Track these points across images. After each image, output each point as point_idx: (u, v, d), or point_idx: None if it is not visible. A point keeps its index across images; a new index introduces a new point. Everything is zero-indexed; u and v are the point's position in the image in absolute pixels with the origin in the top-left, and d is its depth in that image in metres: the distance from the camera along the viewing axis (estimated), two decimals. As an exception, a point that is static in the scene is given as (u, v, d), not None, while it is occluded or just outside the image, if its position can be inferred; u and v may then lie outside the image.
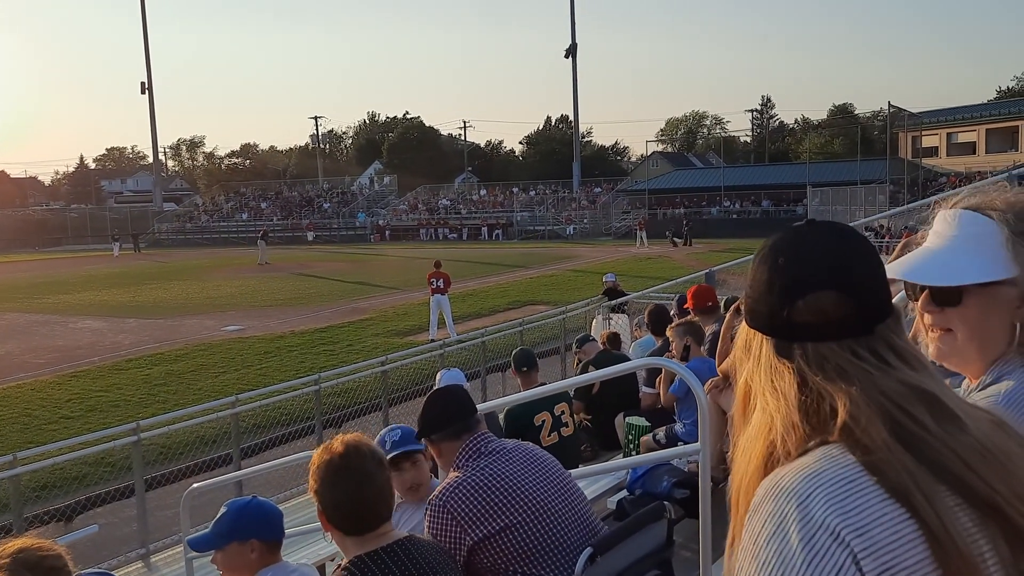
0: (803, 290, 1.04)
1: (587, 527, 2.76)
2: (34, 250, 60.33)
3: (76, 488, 9.68)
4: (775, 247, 1.10)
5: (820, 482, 0.96)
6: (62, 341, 20.52)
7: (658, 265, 32.54)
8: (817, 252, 1.07)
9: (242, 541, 2.74)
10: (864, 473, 0.96)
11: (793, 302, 1.04)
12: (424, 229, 59.77)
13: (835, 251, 1.07)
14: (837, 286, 1.04)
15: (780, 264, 1.07)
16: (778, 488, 0.98)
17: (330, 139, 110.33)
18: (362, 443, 2.31)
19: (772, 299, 1.07)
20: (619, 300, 14.13)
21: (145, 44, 70.07)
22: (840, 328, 1.04)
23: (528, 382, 6.10)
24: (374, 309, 23.78)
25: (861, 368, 1.02)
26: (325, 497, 2.25)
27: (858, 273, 1.06)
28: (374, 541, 2.24)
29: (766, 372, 1.08)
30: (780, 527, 0.95)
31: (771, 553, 0.95)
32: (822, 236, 1.08)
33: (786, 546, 0.94)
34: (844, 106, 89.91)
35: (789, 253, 1.08)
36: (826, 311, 1.03)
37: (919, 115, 54.40)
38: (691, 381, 3.56)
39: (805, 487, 0.96)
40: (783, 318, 1.06)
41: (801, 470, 0.98)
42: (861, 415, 0.98)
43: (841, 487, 0.95)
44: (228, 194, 74.86)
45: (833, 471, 0.96)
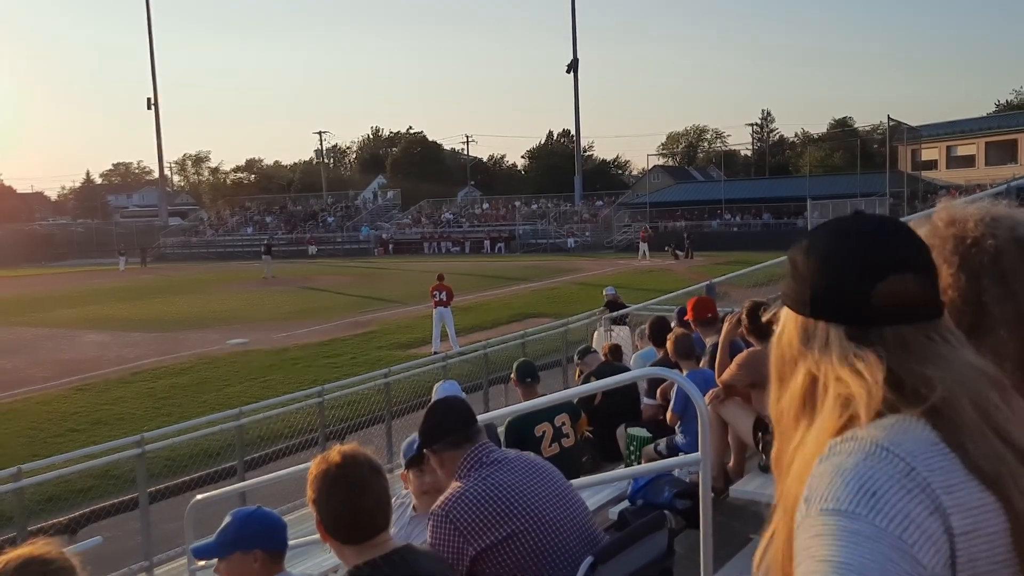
0: (884, 272, 1.02)
1: (588, 536, 2.78)
2: (40, 265, 60.39)
3: (81, 501, 9.71)
4: (835, 235, 1.09)
5: (907, 438, 0.95)
6: (68, 355, 20.58)
7: (659, 278, 32.53)
8: (886, 236, 1.06)
9: (245, 551, 2.74)
10: (941, 441, 0.95)
11: (874, 284, 1.02)
12: (427, 242, 59.83)
13: (902, 237, 1.06)
14: (913, 268, 1.03)
15: (853, 248, 1.05)
16: (861, 436, 0.97)
17: (334, 154, 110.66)
18: (359, 453, 2.32)
19: (849, 284, 1.04)
20: (620, 312, 14.17)
21: (151, 60, 70.49)
22: (918, 311, 1.03)
23: (529, 393, 6.14)
24: (377, 322, 23.82)
25: (937, 350, 1.01)
26: (323, 507, 2.27)
27: (926, 256, 1.06)
28: (372, 550, 2.25)
29: (840, 359, 1.03)
30: (868, 458, 0.94)
31: (862, 473, 0.93)
32: (882, 223, 1.08)
33: (876, 473, 0.92)
34: (844, 120, 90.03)
35: (860, 238, 1.06)
36: (907, 293, 1.02)
37: (918, 128, 54.43)
38: (691, 391, 3.61)
39: (888, 438, 0.95)
40: (861, 302, 1.03)
41: (882, 427, 0.97)
42: (953, 397, 0.97)
43: (927, 446, 0.94)
44: (233, 208, 75.02)
45: (916, 433, 0.96)
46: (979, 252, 1.24)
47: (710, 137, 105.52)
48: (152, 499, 9.16)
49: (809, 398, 1.08)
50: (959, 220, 1.29)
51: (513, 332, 18.12)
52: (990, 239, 1.25)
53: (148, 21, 70.09)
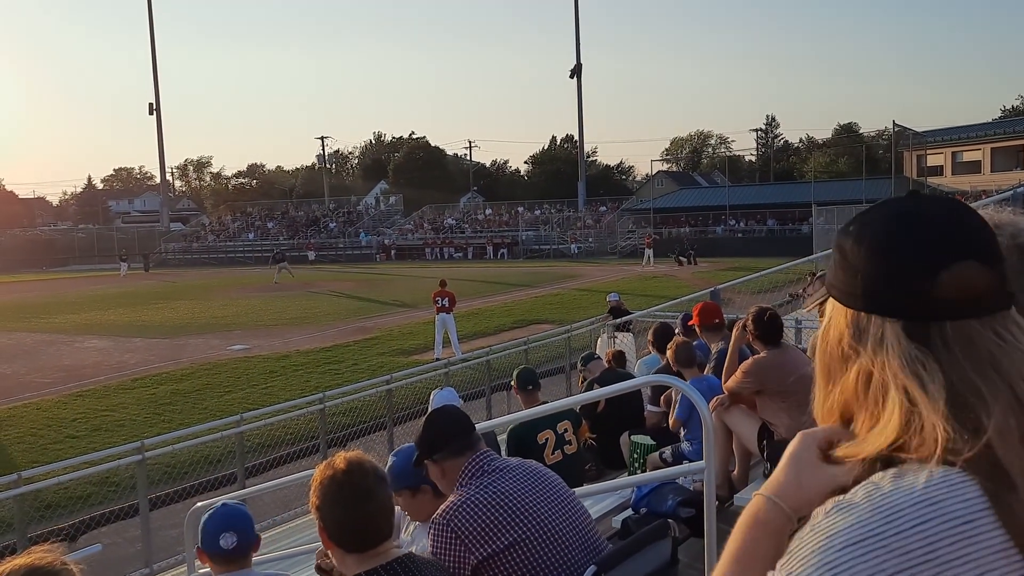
0: (948, 259, 0.91)
1: (591, 545, 2.74)
2: (41, 270, 60.55)
3: (81, 507, 9.68)
4: (889, 219, 0.97)
5: (929, 514, 0.84)
6: (68, 361, 20.56)
7: (663, 284, 32.52)
8: (948, 220, 0.94)
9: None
10: (985, 509, 0.83)
11: (937, 274, 0.91)
12: (429, 248, 59.92)
13: (965, 220, 0.95)
14: (980, 255, 0.92)
15: (912, 233, 0.94)
16: (882, 499, 0.87)
17: (336, 159, 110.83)
18: (364, 460, 2.30)
19: (907, 274, 0.92)
20: (624, 319, 14.13)
21: (153, 65, 70.65)
22: (984, 303, 0.91)
23: (531, 401, 6.09)
24: (379, 328, 23.79)
25: (1005, 351, 0.90)
26: (326, 514, 2.24)
27: (993, 242, 0.94)
28: (374, 559, 2.23)
29: (903, 360, 0.92)
30: (864, 541, 0.84)
31: (841, 559, 0.84)
32: (943, 205, 0.96)
33: (871, 562, 0.83)
34: (849, 125, 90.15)
35: (915, 223, 0.95)
36: (973, 284, 0.90)
37: (924, 134, 54.44)
38: (695, 398, 3.56)
39: (910, 515, 0.84)
40: (923, 294, 0.91)
41: (914, 491, 0.86)
42: (1007, 426, 0.86)
43: (952, 528, 0.83)
44: (235, 214, 75.19)
45: (949, 504, 0.84)
46: None
47: (714, 142, 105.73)
48: (152, 506, 9.12)
49: (864, 394, 0.97)
50: None
51: (516, 339, 18.09)
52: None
53: (150, 26, 70.34)
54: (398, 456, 3.16)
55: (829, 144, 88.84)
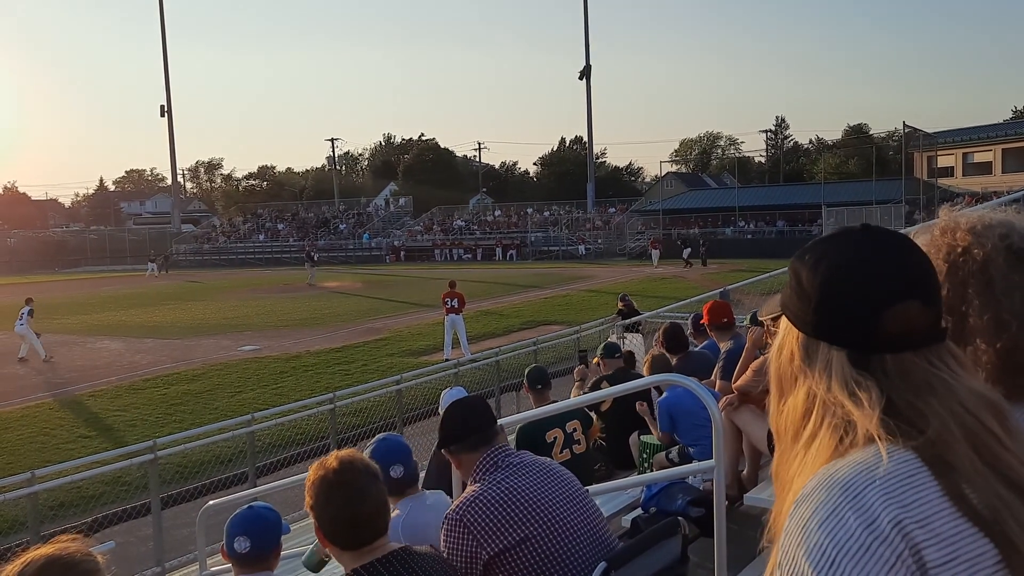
0: (892, 299, 1.00)
1: (602, 542, 2.76)
2: (53, 271, 60.85)
3: (93, 506, 9.74)
4: (842, 252, 1.05)
5: (878, 475, 0.94)
6: (81, 361, 20.69)
7: (672, 285, 32.48)
8: (894, 259, 1.03)
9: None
10: (923, 469, 0.94)
11: (880, 312, 1.00)
12: (439, 250, 59.98)
13: (911, 260, 1.03)
14: (921, 295, 1.01)
15: (861, 271, 1.02)
16: (831, 479, 0.96)
17: (346, 160, 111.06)
18: (356, 458, 2.33)
19: (853, 309, 1.02)
20: (633, 319, 14.13)
21: (165, 68, 71.04)
22: (923, 337, 1.00)
23: (541, 400, 6.11)
24: (389, 329, 23.84)
25: (939, 377, 0.99)
26: (321, 513, 2.28)
27: (934, 282, 1.04)
28: (370, 554, 2.26)
29: (840, 384, 1.01)
30: (834, 513, 0.93)
31: (823, 537, 0.92)
32: (891, 243, 1.04)
33: (841, 531, 0.91)
34: (859, 126, 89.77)
35: (865, 260, 1.03)
36: (914, 321, 1.00)
37: (934, 135, 54.17)
38: (705, 397, 3.58)
39: (861, 479, 0.94)
40: (867, 329, 1.00)
41: (857, 463, 0.96)
42: (949, 433, 0.95)
43: (900, 480, 0.93)
44: (245, 215, 75.46)
45: (892, 466, 0.94)
46: (967, 260, 1.24)
47: (724, 144, 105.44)
48: (164, 505, 9.17)
49: (808, 416, 1.06)
50: (952, 228, 1.28)
51: (525, 339, 18.11)
52: (977, 247, 1.24)
53: (162, 29, 70.70)
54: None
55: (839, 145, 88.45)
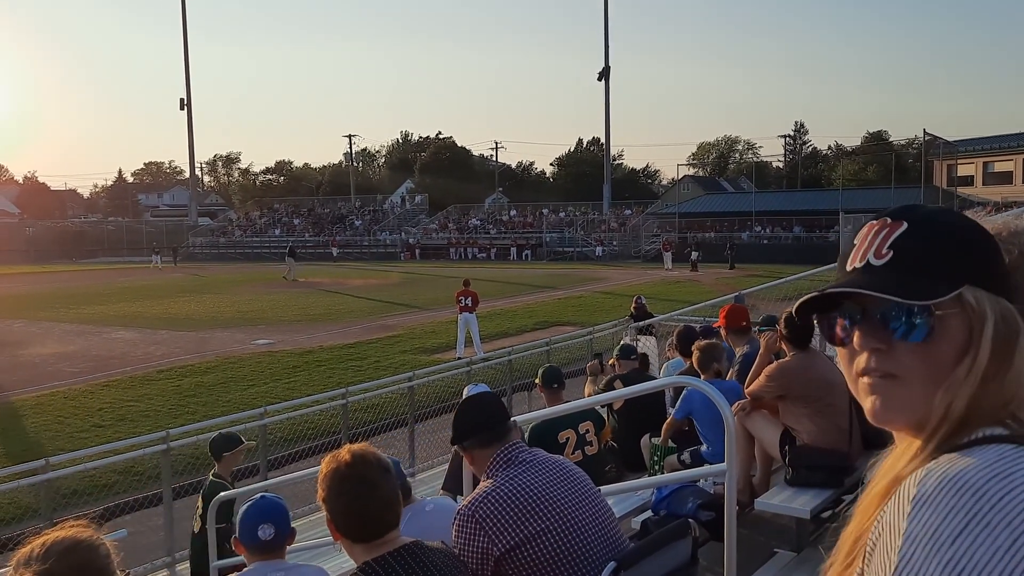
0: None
1: (613, 541, 2.76)
2: (72, 261, 61.32)
3: (105, 495, 9.81)
4: (976, 225, 1.05)
5: (1013, 485, 0.86)
6: (96, 351, 20.82)
7: (686, 289, 32.39)
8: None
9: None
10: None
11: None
12: (454, 248, 60.06)
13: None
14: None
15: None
16: (960, 482, 0.88)
17: (363, 157, 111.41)
18: (368, 452, 2.35)
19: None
20: (645, 321, 14.09)
21: (185, 61, 71.44)
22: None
23: (555, 400, 6.09)
24: (402, 326, 23.89)
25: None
26: (333, 505, 2.29)
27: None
28: (382, 547, 2.28)
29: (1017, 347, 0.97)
30: (970, 527, 0.84)
31: (958, 553, 0.83)
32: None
33: (977, 550, 0.83)
34: (879, 133, 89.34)
35: (980, 228, 1.05)
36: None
37: (955, 143, 53.77)
38: (718, 400, 3.56)
39: (1000, 485, 0.86)
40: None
41: (987, 467, 0.88)
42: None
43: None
44: (262, 210, 75.76)
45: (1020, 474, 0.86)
46: None
47: (742, 148, 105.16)
48: (175, 495, 9.22)
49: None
50: None
51: (538, 339, 18.10)
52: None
53: (183, 23, 71.06)
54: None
55: (858, 152, 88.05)
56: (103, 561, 2.08)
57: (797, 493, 4.69)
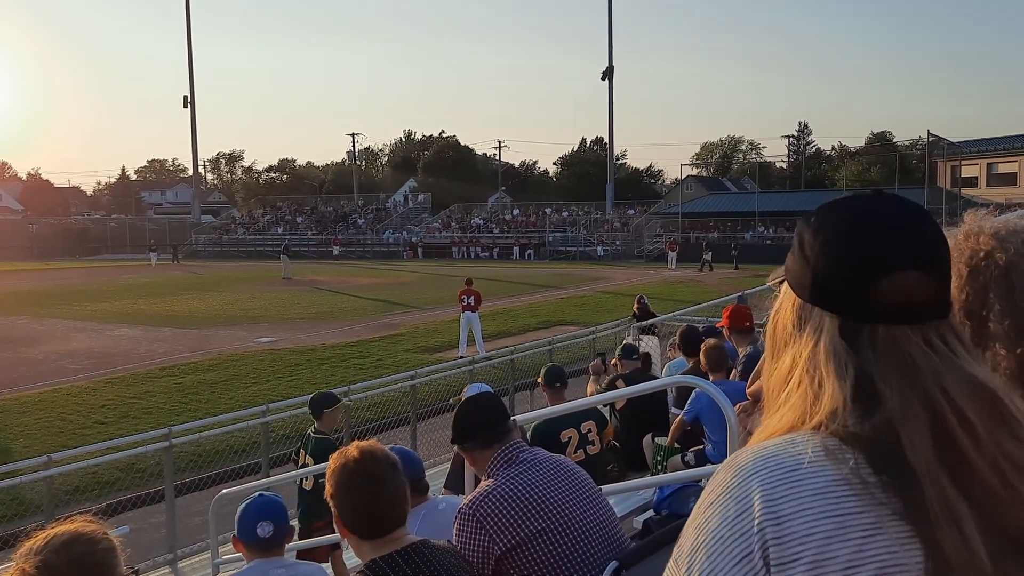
0: (891, 267, 0.95)
1: (614, 541, 2.75)
2: (75, 258, 61.39)
3: (107, 492, 9.81)
4: (847, 217, 1.01)
5: (769, 464, 0.93)
6: (98, 348, 20.85)
7: (689, 289, 32.38)
8: (901, 227, 0.98)
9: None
10: (818, 462, 0.91)
11: (878, 280, 0.95)
12: (456, 247, 60.07)
13: (919, 228, 0.98)
14: (923, 266, 0.96)
15: (861, 237, 0.98)
16: (734, 460, 0.98)
17: (366, 156, 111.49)
18: (377, 448, 2.35)
19: (850, 275, 0.97)
20: (648, 321, 14.08)
21: (189, 59, 71.49)
22: (921, 311, 0.95)
23: (557, 399, 6.09)
24: (405, 325, 23.89)
25: (930, 358, 0.94)
26: (341, 501, 2.29)
27: (942, 254, 0.99)
28: (389, 545, 2.27)
29: (826, 352, 0.98)
30: (719, 499, 0.95)
31: (703, 520, 0.96)
32: (901, 211, 0.99)
33: (712, 518, 0.94)
34: (882, 134, 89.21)
35: (869, 226, 0.99)
36: (911, 292, 0.95)
37: (959, 144, 53.67)
38: (721, 401, 3.55)
39: (755, 465, 0.94)
40: (862, 297, 0.96)
41: (761, 447, 0.97)
42: (907, 417, 0.91)
43: (790, 471, 0.91)
44: (265, 208, 75.81)
45: (787, 454, 0.93)
46: (990, 265, 1.21)
47: (745, 148, 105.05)
48: (177, 492, 9.23)
49: (788, 381, 1.03)
50: (975, 232, 1.25)
51: (540, 339, 18.10)
52: (1000, 252, 1.21)
53: (187, 20, 71.15)
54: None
55: (862, 152, 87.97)
56: (102, 555, 2.08)
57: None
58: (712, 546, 0.93)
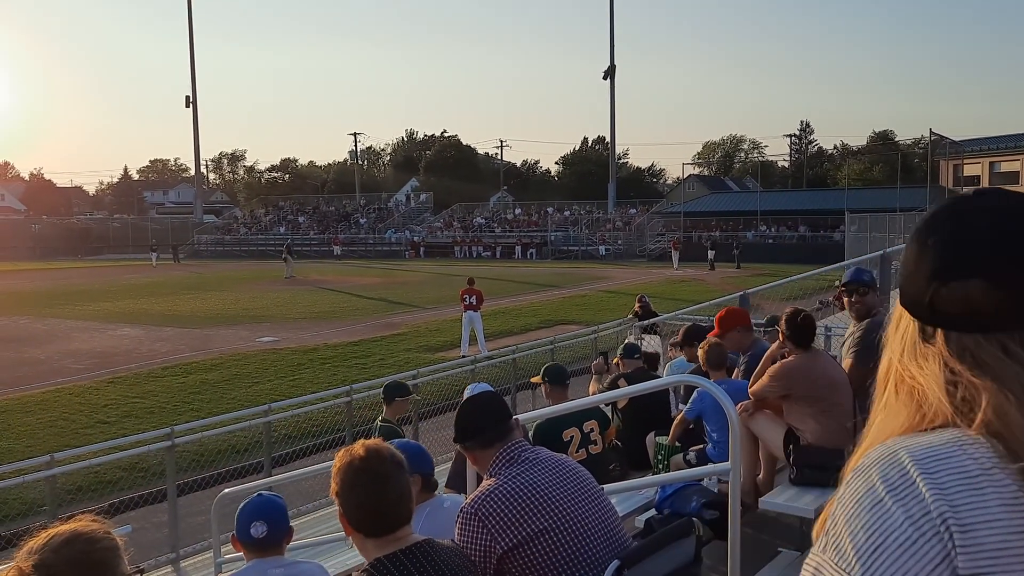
0: (948, 276, 0.93)
1: (616, 540, 2.76)
2: (77, 258, 61.44)
3: (110, 491, 9.83)
4: (932, 220, 0.98)
5: (943, 467, 0.88)
6: (101, 347, 20.87)
7: (692, 288, 32.36)
8: (975, 232, 0.93)
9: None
10: (996, 471, 0.86)
11: (936, 289, 0.93)
12: (458, 247, 60.09)
13: (998, 231, 0.93)
14: (989, 275, 0.91)
15: (930, 243, 0.96)
16: (895, 457, 0.91)
17: (368, 155, 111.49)
18: (383, 447, 2.35)
19: (917, 281, 0.96)
20: (650, 320, 14.06)
21: (191, 59, 71.57)
22: (988, 321, 0.91)
23: (559, 397, 6.08)
24: (407, 324, 23.90)
25: (1009, 366, 0.90)
26: (345, 499, 2.29)
27: (1020, 259, 0.91)
28: (393, 544, 2.27)
29: (910, 352, 0.98)
30: (888, 495, 0.89)
31: (868, 521, 0.89)
32: (988, 212, 0.95)
33: (886, 520, 0.88)
34: (884, 133, 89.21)
35: (944, 230, 0.96)
36: (972, 302, 0.91)
37: (961, 143, 53.58)
38: (722, 399, 3.55)
39: (925, 466, 0.89)
40: (925, 304, 0.95)
41: (926, 447, 0.91)
42: (1009, 412, 0.88)
43: (962, 479, 0.86)
44: (267, 208, 75.87)
45: (960, 459, 0.88)
46: None
47: (747, 148, 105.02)
48: (180, 492, 9.23)
49: (886, 383, 1.03)
50: None
51: (542, 338, 18.10)
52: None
53: (189, 20, 71.23)
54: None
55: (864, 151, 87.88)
56: (101, 555, 2.07)
57: (801, 492, 4.69)
58: (899, 546, 0.86)
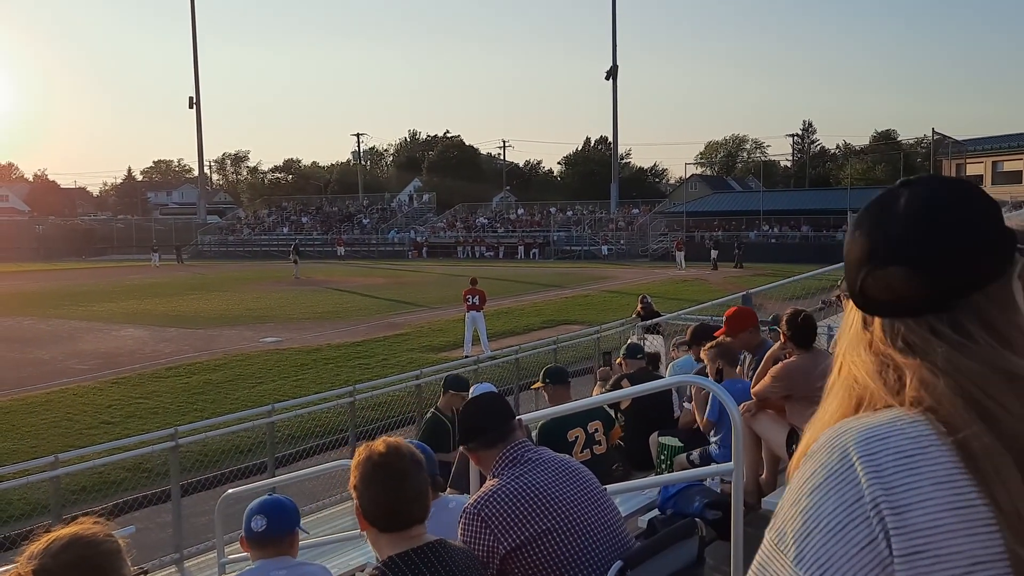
0: (872, 264, 0.96)
1: (619, 540, 2.76)
2: (81, 259, 61.52)
3: (114, 492, 9.85)
4: (863, 210, 1.03)
5: (882, 447, 0.90)
6: (104, 348, 20.90)
7: (695, 288, 32.33)
8: (895, 219, 0.97)
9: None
10: (932, 448, 0.89)
11: (864, 277, 0.97)
12: (461, 247, 60.10)
13: (915, 218, 0.96)
14: (908, 261, 0.94)
15: (858, 233, 1.00)
16: (838, 441, 0.94)
17: (371, 156, 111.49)
18: (403, 444, 2.38)
19: (850, 271, 1.00)
20: (652, 320, 14.06)
21: (194, 60, 71.58)
22: (912, 305, 0.95)
23: (560, 397, 6.09)
24: (410, 325, 23.91)
25: (936, 344, 0.93)
26: (363, 493, 2.31)
27: (941, 244, 0.94)
28: (407, 542, 2.29)
29: (853, 341, 1.02)
30: (826, 481, 0.92)
31: (811, 504, 0.92)
32: (914, 199, 0.98)
33: (825, 503, 0.90)
34: (887, 132, 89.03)
35: (869, 220, 1.00)
36: (895, 288, 0.94)
37: (964, 143, 53.49)
38: (725, 400, 3.56)
39: (864, 448, 0.91)
40: (857, 292, 0.99)
41: (867, 428, 0.93)
42: (934, 389, 0.91)
43: (898, 459, 0.89)
44: (270, 208, 75.89)
45: (898, 439, 0.90)
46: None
47: (749, 147, 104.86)
48: (183, 492, 9.25)
49: (839, 371, 1.06)
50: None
51: (545, 338, 18.10)
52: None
53: (192, 21, 71.20)
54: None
55: (866, 151, 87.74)
56: (102, 558, 2.08)
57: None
58: (828, 531, 0.89)
